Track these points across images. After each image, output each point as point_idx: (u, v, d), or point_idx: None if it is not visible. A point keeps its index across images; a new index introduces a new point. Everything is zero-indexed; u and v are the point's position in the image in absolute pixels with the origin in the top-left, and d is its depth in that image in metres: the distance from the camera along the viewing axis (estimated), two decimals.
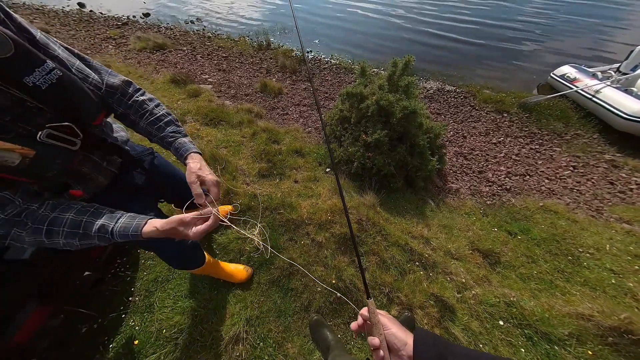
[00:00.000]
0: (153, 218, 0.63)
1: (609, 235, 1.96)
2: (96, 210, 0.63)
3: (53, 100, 0.56)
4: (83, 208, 0.63)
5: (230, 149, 2.34)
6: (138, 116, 0.75)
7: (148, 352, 1.12)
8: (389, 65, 2.21)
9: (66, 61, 0.62)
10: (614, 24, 6.71)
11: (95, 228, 0.60)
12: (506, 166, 2.76)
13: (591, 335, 1.23)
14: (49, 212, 0.60)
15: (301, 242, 1.57)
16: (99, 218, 0.61)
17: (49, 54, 0.59)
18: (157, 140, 0.77)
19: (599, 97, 3.25)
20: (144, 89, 0.81)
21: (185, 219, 0.61)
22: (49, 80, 0.54)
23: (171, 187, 1.01)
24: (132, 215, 0.64)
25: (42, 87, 0.53)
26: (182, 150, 0.74)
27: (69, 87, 0.58)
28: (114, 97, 0.73)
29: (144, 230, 0.60)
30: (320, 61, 4.72)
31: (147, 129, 0.76)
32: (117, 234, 0.60)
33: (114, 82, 0.73)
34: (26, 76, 0.51)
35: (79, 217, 0.60)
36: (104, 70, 0.73)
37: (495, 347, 1.24)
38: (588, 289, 1.57)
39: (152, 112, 0.76)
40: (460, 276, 1.51)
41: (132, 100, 0.75)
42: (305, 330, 1.25)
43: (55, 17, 5.82)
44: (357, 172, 2.16)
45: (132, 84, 0.77)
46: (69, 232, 0.59)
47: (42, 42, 0.59)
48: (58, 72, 0.55)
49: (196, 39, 5.26)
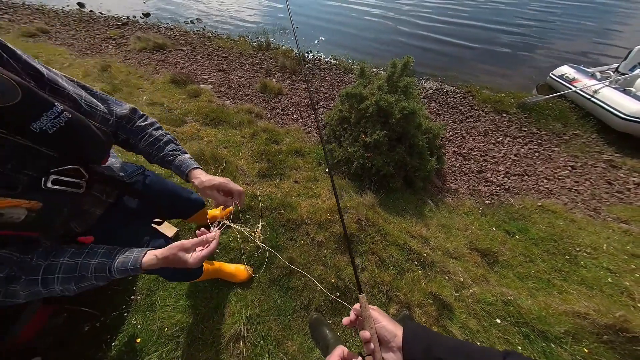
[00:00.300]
0: (151, 248, 0.62)
1: (606, 235, 1.98)
2: (91, 250, 0.61)
3: (60, 144, 0.53)
4: (77, 250, 0.60)
5: (230, 149, 2.35)
6: (138, 139, 0.76)
7: (150, 350, 1.14)
8: (388, 66, 2.23)
9: (76, 96, 0.59)
10: (613, 25, 6.73)
11: (91, 269, 0.57)
12: (505, 166, 2.78)
13: (587, 333, 1.25)
14: (42, 260, 0.56)
15: (301, 241, 1.58)
16: (95, 258, 0.59)
17: (59, 92, 0.56)
18: (157, 161, 0.77)
19: (598, 97, 3.26)
20: (144, 89, 0.82)
21: (185, 245, 0.60)
22: (57, 124, 0.51)
23: (167, 204, 1.00)
24: (129, 249, 0.62)
25: (49, 131, 0.50)
26: (183, 167, 0.74)
27: (77, 129, 0.55)
28: (120, 125, 0.73)
29: (144, 261, 0.59)
30: (320, 61, 4.73)
31: (146, 150, 0.76)
32: (116, 270, 0.58)
33: (122, 112, 0.73)
34: (33, 122, 0.48)
35: (73, 260, 0.57)
36: (110, 99, 0.72)
37: (492, 345, 1.25)
38: (585, 288, 1.58)
39: (151, 134, 0.77)
40: (458, 275, 1.52)
41: (135, 126, 0.76)
42: (305, 329, 1.27)
43: (55, 17, 5.83)
44: (357, 172, 2.17)
45: (137, 110, 0.78)
46: (65, 277, 0.56)
47: (51, 79, 0.56)
48: (67, 114, 0.52)
49: (196, 39, 5.26)
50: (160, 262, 0.59)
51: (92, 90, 0.67)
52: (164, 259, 0.59)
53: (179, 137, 2.39)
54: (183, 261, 0.59)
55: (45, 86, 0.54)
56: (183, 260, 0.59)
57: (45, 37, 4.71)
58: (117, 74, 3.42)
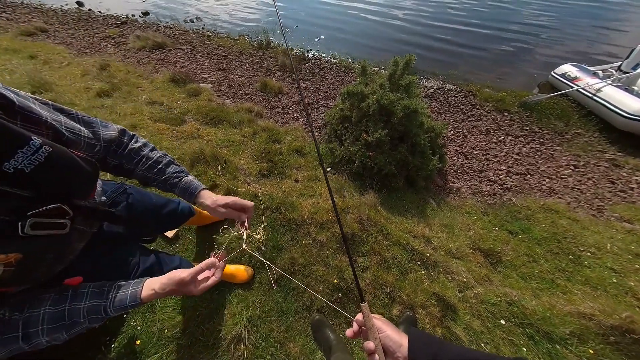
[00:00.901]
0: (147, 279, 0.57)
1: (609, 234, 1.96)
2: (75, 292, 0.54)
3: (39, 182, 0.45)
4: (59, 295, 0.53)
5: (230, 148, 2.33)
6: (133, 163, 0.69)
7: (150, 352, 1.12)
8: (390, 64, 2.21)
9: (54, 122, 0.50)
10: (615, 24, 6.70)
11: (83, 313, 0.51)
12: (507, 165, 2.76)
13: (592, 334, 1.24)
14: (18, 313, 0.48)
15: (302, 241, 1.56)
16: (83, 300, 0.53)
17: (33, 120, 0.47)
18: (157, 184, 0.71)
19: (600, 95, 3.24)
20: (144, 88, 0.79)
21: (184, 279, 0.55)
22: (35, 160, 0.43)
23: (154, 221, 0.95)
24: (121, 284, 0.57)
25: (25, 170, 0.42)
26: (191, 188, 0.70)
27: (59, 164, 0.47)
28: (109, 150, 0.65)
29: (143, 296, 0.55)
30: (321, 60, 4.71)
31: (144, 174, 0.69)
32: (113, 309, 0.53)
33: (110, 135, 0.64)
34: (6, 162, 0.41)
35: (58, 307, 0.51)
36: (94, 121, 0.62)
37: (496, 346, 1.24)
38: (589, 288, 1.57)
39: (149, 156, 0.70)
40: (461, 275, 1.51)
41: (128, 149, 0.68)
42: (307, 330, 1.25)
43: (54, 16, 5.79)
44: (358, 172, 2.16)
45: (126, 131, 0.70)
46: (52, 327, 0.49)
47: (23, 107, 0.46)
48: (46, 148, 0.44)
49: (195, 38, 5.24)
50: (161, 295, 0.56)
51: (71, 112, 0.58)
52: (164, 294, 0.56)
53: (179, 136, 2.38)
54: (187, 292, 0.57)
55: (17, 115, 0.45)
56: (186, 291, 0.57)
57: (44, 36, 4.68)
58: (116, 73, 3.40)
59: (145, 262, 0.84)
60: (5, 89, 0.45)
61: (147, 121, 2.47)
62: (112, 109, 2.61)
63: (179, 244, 1.53)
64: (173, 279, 0.56)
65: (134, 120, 2.45)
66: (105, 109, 2.61)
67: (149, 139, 2.27)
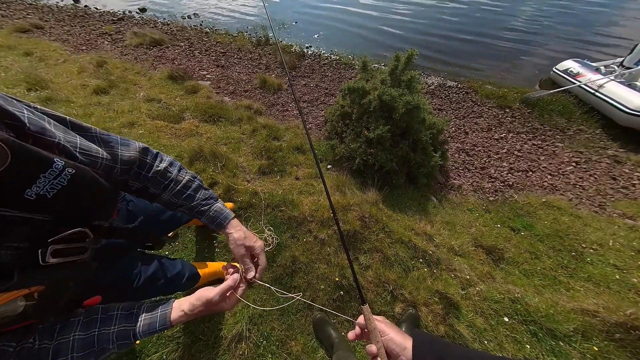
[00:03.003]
0: (174, 300, 0.55)
1: (612, 231, 1.95)
2: (106, 315, 0.51)
3: (61, 207, 0.42)
4: (88, 318, 0.50)
5: (230, 145, 2.30)
6: (161, 188, 0.62)
7: (150, 352, 1.11)
8: (391, 60, 2.17)
9: (68, 145, 0.45)
10: (618, 19, 6.65)
11: (112, 338, 0.49)
12: (508, 162, 2.74)
13: (596, 331, 1.23)
14: (48, 341, 0.45)
15: (303, 239, 1.55)
16: (113, 324, 0.50)
17: (45, 142, 0.42)
18: (184, 210, 0.66)
19: (602, 91, 3.22)
20: (142, 85, 0.74)
21: (212, 300, 0.53)
22: (58, 184, 0.40)
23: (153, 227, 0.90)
24: (149, 306, 0.54)
25: (47, 195, 0.39)
26: (220, 219, 0.65)
27: (83, 187, 0.44)
28: (130, 172, 0.59)
29: (173, 318, 0.52)
30: (320, 56, 4.66)
31: (171, 200, 0.64)
32: (142, 334, 0.50)
33: (130, 155, 0.57)
34: (27, 189, 0.37)
35: (88, 333, 0.48)
36: (113, 140, 0.56)
37: (500, 343, 1.23)
38: (592, 285, 1.56)
39: (177, 180, 0.64)
40: (464, 273, 1.49)
41: (153, 172, 0.61)
42: (308, 328, 1.24)
43: (49, 13, 5.71)
44: (359, 169, 2.14)
45: (149, 150, 0.62)
46: (82, 355, 0.46)
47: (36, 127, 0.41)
48: (69, 170, 0.41)
49: (193, 35, 5.17)
50: (191, 317, 0.53)
51: (90, 130, 0.53)
52: (194, 315, 0.53)
53: (177, 133, 2.35)
54: (218, 310, 0.55)
55: (28, 138, 0.40)
56: (217, 310, 0.55)
57: (39, 33, 4.62)
58: (113, 70, 3.35)
59: (147, 270, 0.82)
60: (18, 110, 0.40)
61: (145, 119, 2.44)
62: (109, 107, 2.58)
63: (179, 242, 1.51)
64: (201, 299, 0.53)
65: (131, 117, 2.42)
66: (102, 107, 2.58)
67: (147, 136, 2.24)
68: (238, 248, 0.63)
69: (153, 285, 0.85)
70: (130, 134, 2.24)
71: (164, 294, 0.95)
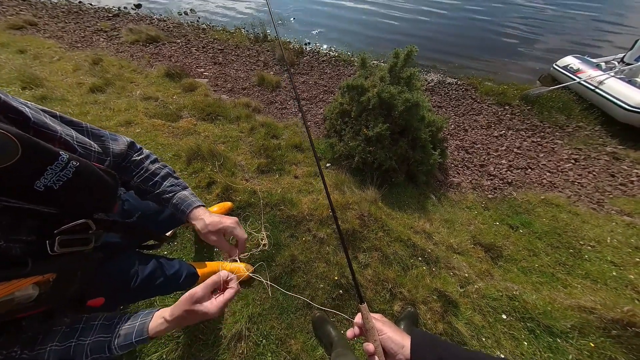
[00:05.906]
0: (158, 309, 0.52)
1: (609, 228, 1.96)
2: (86, 324, 0.50)
3: (67, 199, 0.45)
4: (70, 327, 0.49)
5: (228, 144, 2.29)
6: (131, 175, 0.65)
7: (150, 351, 1.11)
8: (391, 56, 2.15)
9: (67, 138, 0.48)
10: (618, 15, 6.59)
11: (87, 351, 0.47)
12: (507, 159, 2.74)
13: (593, 328, 1.24)
14: (27, 351, 0.45)
15: (302, 238, 1.55)
16: (90, 335, 0.48)
17: (48, 136, 0.44)
18: (151, 198, 0.67)
19: (602, 88, 3.21)
20: (138, 83, 0.73)
21: (197, 295, 0.49)
22: (64, 177, 0.42)
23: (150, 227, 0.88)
24: (132, 314, 0.52)
25: (54, 187, 0.42)
26: (183, 205, 0.63)
27: (86, 179, 0.46)
28: (118, 164, 0.63)
29: (151, 327, 0.49)
30: (319, 53, 4.61)
31: (139, 186, 0.66)
32: (117, 347, 0.48)
33: (120, 149, 0.61)
34: (37, 180, 0.40)
35: (64, 344, 0.47)
36: (104, 135, 0.59)
37: (498, 340, 1.24)
38: (589, 282, 1.57)
39: (147, 168, 0.66)
40: (462, 270, 1.50)
41: (128, 161, 0.65)
42: (308, 327, 1.24)
43: (42, 9, 5.61)
44: (358, 167, 2.13)
45: (134, 144, 0.67)
46: None
47: (39, 122, 0.44)
48: (74, 162, 0.43)
49: (190, 31, 5.10)
50: (173, 324, 0.49)
51: (80, 125, 0.55)
52: (176, 320, 0.49)
53: (175, 132, 2.33)
54: (202, 314, 0.49)
55: (31, 131, 0.43)
56: (202, 313, 0.49)
57: (33, 30, 4.54)
58: (109, 67, 3.31)
59: (144, 270, 0.81)
60: (22, 105, 0.43)
61: (142, 117, 2.42)
62: (105, 105, 2.55)
63: (177, 242, 1.51)
64: (184, 299, 0.49)
65: (128, 116, 2.39)
66: (98, 105, 2.55)
67: (144, 135, 2.22)
68: (206, 236, 0.61)
69: (151, 285, 0.85)
70: (127, 133, 2.22)
71: (162, 294, 0.94)
